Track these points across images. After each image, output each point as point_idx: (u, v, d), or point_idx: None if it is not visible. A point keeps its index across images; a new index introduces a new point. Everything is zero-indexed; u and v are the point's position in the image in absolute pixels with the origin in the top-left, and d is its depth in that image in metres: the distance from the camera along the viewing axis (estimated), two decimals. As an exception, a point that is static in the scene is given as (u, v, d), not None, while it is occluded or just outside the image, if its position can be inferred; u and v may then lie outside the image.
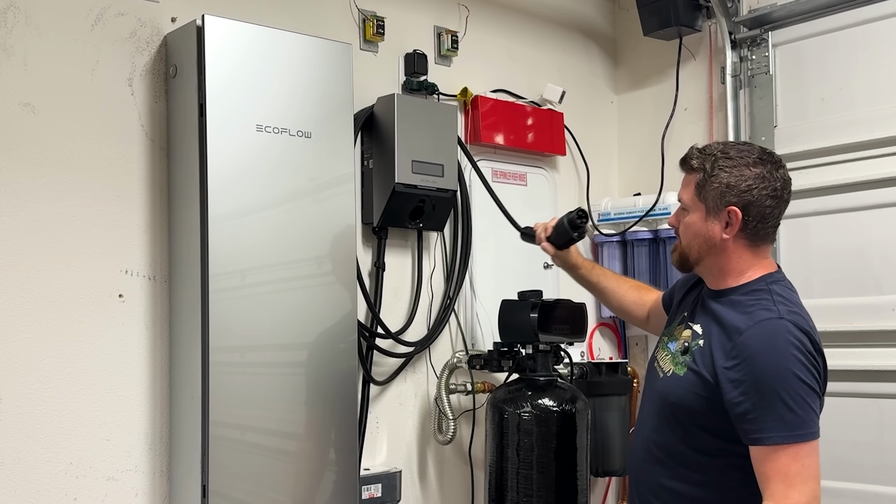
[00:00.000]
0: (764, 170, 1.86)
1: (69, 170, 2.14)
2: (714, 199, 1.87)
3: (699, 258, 1.93)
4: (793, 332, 1.77)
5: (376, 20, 2.71)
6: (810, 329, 1.81)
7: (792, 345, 1.75)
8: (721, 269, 1.91)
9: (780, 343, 1.76)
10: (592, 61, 3.47)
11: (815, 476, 1.74)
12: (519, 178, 3.15)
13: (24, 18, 2.09)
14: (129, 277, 2.23)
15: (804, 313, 1.86)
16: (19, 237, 2.07)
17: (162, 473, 2.27)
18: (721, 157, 1.87)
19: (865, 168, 2.83)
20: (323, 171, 2.36)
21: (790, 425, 1.72)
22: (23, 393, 2.06)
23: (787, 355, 1.75)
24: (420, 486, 2.85)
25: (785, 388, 1.73)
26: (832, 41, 2.93)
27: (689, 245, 1.93)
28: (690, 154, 1.94)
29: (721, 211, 1.86)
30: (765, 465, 1.74)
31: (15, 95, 2.08)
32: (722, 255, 1.90)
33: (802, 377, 1.74)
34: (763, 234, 1.89)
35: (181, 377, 2.24)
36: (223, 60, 2.19)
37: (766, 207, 1.86)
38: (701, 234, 1.90)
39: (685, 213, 1.94)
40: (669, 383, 1.92)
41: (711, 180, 1.87)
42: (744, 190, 1.85)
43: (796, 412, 1.72)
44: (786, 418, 1.72)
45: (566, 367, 2.85)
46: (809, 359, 1.76)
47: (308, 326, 2.32)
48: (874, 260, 2.81)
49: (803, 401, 1.73)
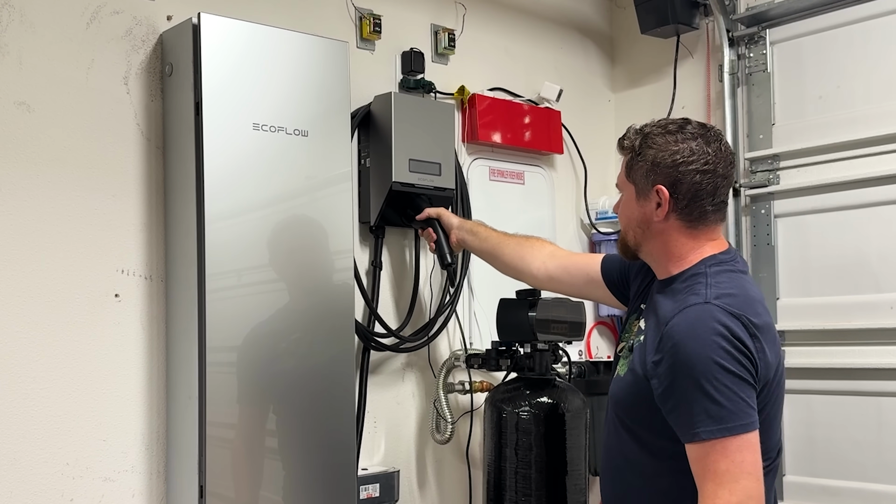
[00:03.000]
0: (694, 143, 1.72)
1: (65, 169, 2.13)
2: (641, 179, 1.75)
3: (637, 244, 1.81)
4: (717, 318, 1.62)
5: (373, 18, 2.70)
6: (744, 312, 1.64)
7: (715, 331, 1.60)
8: (661, 254, 1.78)
9: (701, 330, 1.61)
10: (590, 59, 3.46)
11: (751, 472, 1.58)
12: (516, 177, 3.14)
13: (19, 17, 2.08)
14: (125, 277, 2.22)
15: (743, 294, 1.70)
16: (14, 236, 2.06)
17: (159, 474, 2.26)
18: (650, 133, 1.76)
19: (863, 166, 2.83)
20: (320, 170, 2.35)
21: (716, 418, 1.57)
22: (18, 393, 2.05)
23: (709, 343, 1.60)
24: (418, 486, 2.84)
25: (707, 379, 1.58)
26: (830, 39, 2.93)
27: (626, 230, 1.82)
28: (625, 134, 1.82)
29: (650, 191, 1.74)
30: (695, 463, 1.61)
31: (10, 94, 2.06)
32: (658, 239, 1.77)
33: (727, 366, 1.59)
34: (700, 214, 1.73)
35: (178, 377, 2.23)
36: (219, 59, 2.18)
37: (696, 184, 1.71)
38: (634, 216, 1.79)
39: (620, 197, 1.85)
40: (614, 385, 1.82)
41: (638, 159, 1.76)
42: (670, 166, 1.71)
43: (722, 404, 1.57)
44: (710, 411, 1.58)
45: (564, 366, 2.85)
46: (737, 346, 1.60)
47: (305, 325, 2.31)
48: (872, 258, 2.81)
49: (729, 391, 1.58)
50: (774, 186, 3.02)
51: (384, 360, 2.76)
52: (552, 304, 2.64)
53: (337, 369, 2.37)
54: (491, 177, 3.04)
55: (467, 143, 2.97)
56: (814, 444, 2.89)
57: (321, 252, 2.35)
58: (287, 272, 2.29)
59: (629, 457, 1.78)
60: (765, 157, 3.04)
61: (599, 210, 3.32)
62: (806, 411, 2.94)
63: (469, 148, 2.99)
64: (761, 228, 3.05)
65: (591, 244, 3.37)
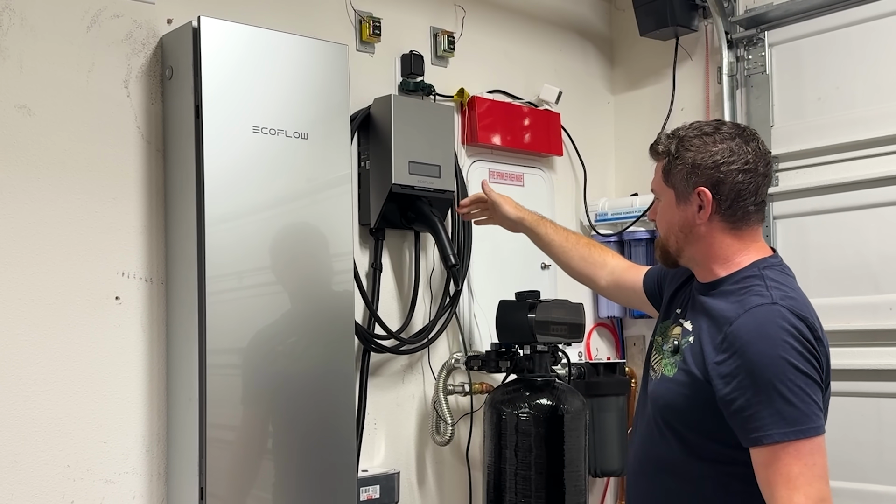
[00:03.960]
0: (733, 143, 1.70)
1: (65, 172, 2.14)
2: (681, 182, 1.72)
3: (679, 249, 1.78)
4: (787, 318, 1.60)
5: (373, 21, 2.71)
6: (808, 315, 1.64)
7: (786, 331, 1.59)
8: (705, 258, 1.75)
9: (772, 330, 1.59)
10: (589, 62, 3.47)
11: (822, 476, 1.57)
12: (516, 179, 3.15)
13: (20, 20, 2.09)
14: (125, 280, 2.23)
15: (802, 298, 1.69)
16: (15, 239, 2.07)
17: (159, 476, 2.26)
18: (687, 137, 1.74)
19: (862, 167, 2.83)
20: (320, 173, 2.36)
21: (789, 420, 1.55)
22: (19, 395, 2.06)
23: (781, 343, 1.58)
24: (418, 488, 2.85)
25: (780, 380, 1.55)
26: (828, 41, 2.93)
27: (667, 236, 1.79)
28: (657, 140, 1.80)
29: (690, 194, 1.71)
30: (765, 468, 1.57)
31: (11, 97, 2.07)
32: (702, 242, 1.74)
33: (800, 366, 1.57)
34: (743, 215, 1.72)
35: (178, 379, 2.24)
36: (219, 62, 2.19)
37: (738, 183, 1.69)
38: (675, 221, 1.76)
39: (658, 203, 1.82)
40: (659, 386, 1.77)
41: (676, 162, 1.73)
42: (711, 167, 1.69)
43: (795, 405, 1.55)
44: (784, 413, 1.55)
45: (564, 368, 2.86)
46: (807, 346, 1.59)
47: (305, 327, 2.32)
48: (871, 259, 2.81)
49: (803, 392, 1.56)
50: (773, 188, 3.02)
51: (384, 361, 2.76)
52: (552, 305, 2.65)
53: (337, 371, 2.37)
54: (490, 179, 3.05)
55: (467, 145, 2.98)
56: (813, 446, 2.89)
57: (321, 254, 2.36)
58: (287, 274, 2.30)
59: (672, 460, 1.74)
60: (764, 158, 3.04)
61: (599, 212, 3.32)
62: (805, 412, 2.94)
63: (468, 150, 3.00)
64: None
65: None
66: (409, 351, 2.77)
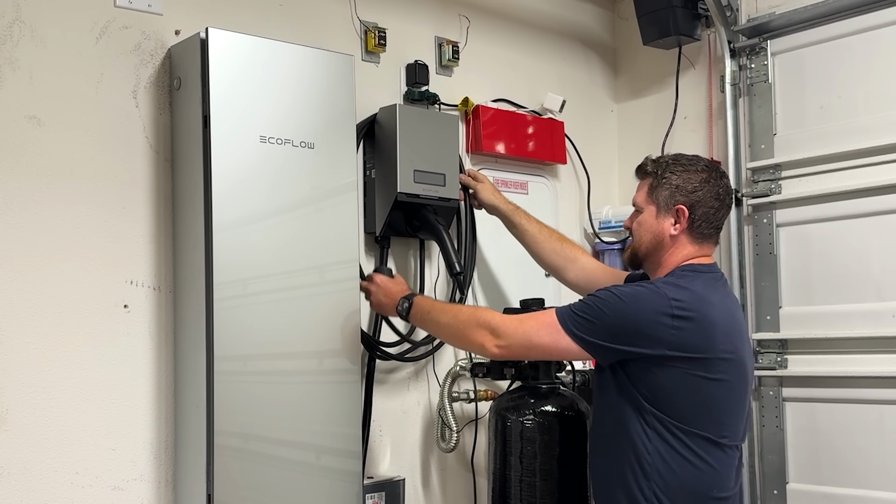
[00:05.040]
0: (709, 175, 2.14)
1: (74, 181, 2.16)
2: (665, 199, 2.14)
3: (647, 253, 2.19)
4: (651, 288, 2.03)
5: (378, 31, 2.73)
6: (681, 297, 2.00)
7: (645, 288, 2.04)
8: (660, 263, 2.16)
9: (633, 287, 2.07)
10: (592, 71, 3.49)
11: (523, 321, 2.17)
12: (520, 187, 3.17)
13: (30, 32, 2.11)
14: (134, 288, 2.24)
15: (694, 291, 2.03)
16: (25, 248, 2.09)
17: (167, 483, 2.28)
18: (672, 163, 2.17)
19: (865, 175, 2.84)
20: (326, 181, 2.38)
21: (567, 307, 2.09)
22: (29, 403, 2.08)
23: (628, 289, 2.05)
24: (423, 495, 2.86)
25: (596, 297, 2.05)
26: (831, 49, 2.95)
27: (641, 241, 2.19)
28: (645, 162, 2.23)
29: (671, 209, 2.14)
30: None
31: (20, 108, 2.10)
32: (666, 250, 2.15)
33: (618, 295, 2.02)
34: (706, 234, 2.15)
35: (186, 387, 2.26)
36: (227, 72, 2.21)
37: (710, 209, 2.13)
38: (652, 230, 2.16)
39: (637, 214, 2.21)
40: None
41: (663, 182, 2.15)
42: (691, 191, 2.13)
43: (582, 302, 2.08)
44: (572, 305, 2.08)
45: (568, 375, 2.86)
46: (652, 305, 1.99)
47: (312, 335, 2.34)
48: (874, 267, 2.82)
49: (594, 305, 2.04)
50: (776, 196, 3.04)
51: (390, 369, 2.77)
52: (556, 313, 2.66)
53: (343, 378, 2.39)
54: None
55: (471, 153, 3.00)
56: (817, 452, 2.90)
57: (328, 262, 2.38)
58: (294, 282, 2.32)
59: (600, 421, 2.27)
60: (766, 166, 3.06)
61: (602, 219, 3.34)
62: (809, 419, 2.95)
63: (473, 158, 3.01)
64: (763, 238, 3.07)
65: (595, 253, 3.39)
66: (415, 358, 2.79)
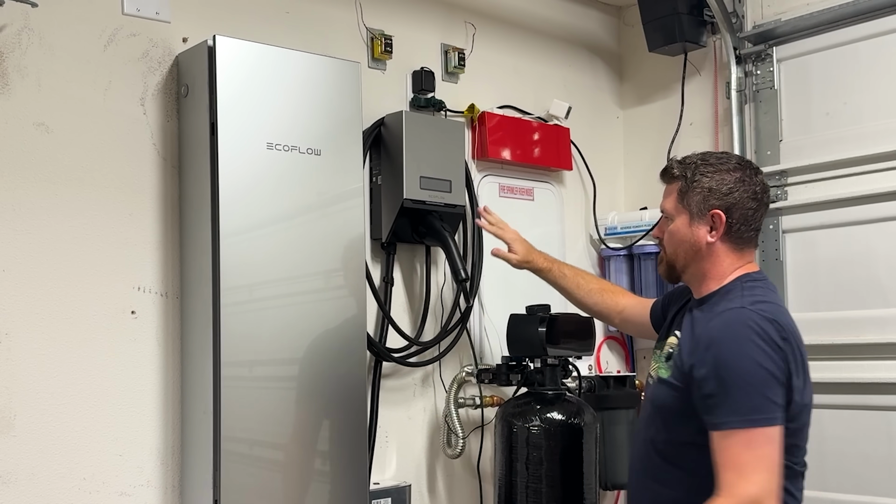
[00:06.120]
0: (743, 174, 1.91)
1: (83, 188, 2.17)
2: (698, 204, 1.90)
3: (685, 265, 1.95)
4: (754, 320, 1.77)
5: (384, 38, 2.74)
6: (777, 318, 1.80)
7: (753, 331, 1.75)
8: (705, 274, 1.93)
9: (740, 330, 1.76)
10: (598, 77, 3.49)
11: (770, 468, 1.70)
12: (526, 193, 3.17)
13: (38, 40, 2.13)
14: (141, 294, 2.25)
15: (775, 305, 1.86)
16: (34, 255, 2.10)
17: (174, 488, 2.29)
18: (701, 164, 1.92)
19: (871, 182, 2.84)
20: (332, 188, 2.38)
21: (742, 411, 1.71)
22: (37, 409, 2.08)
23: (747, 342, 1.75)
24: (429, 501, 2.86)
25: (742, 375, 1.72)
26: (837, 56, 2.95)
27: (675, 252, 1.96)
28: (670, 165, 1.98)
29: (705, 215, 1.90)
30: (718, 453, 1.73)
31: (29, 115, 2.11)
32: (706, 259, 1.92)
33: (763, 364, 1.73)
34: (747, 238, 1.93)
35: (193, 392, 2.26)
36: (234, 80, 2.22)
37: (748, 210, 1.90)
38: (686, 239, 1.93)
39: (669, 223, 1.97)
40: (655, 388, 1.96)
41: (693, 185, 1.90)
42: (725, 193, 1.89)
43: (752, 398, 1.72)
44: (740, 403, 1.71)
45: (574, 381, 2.87)
46: (773, 347, 1.75)
47: (318, 340, 2.34)
48: (880, 273, 2.82)
49: (761, 387, 1.72)
50: (783, 202, 3.04)
51: (396, 375, 2.78)
52: (562, 319, 2.67)
53: (349, 384, 2.39)
54: (501, 193, 3.07)
55: (477, 160, 3.00)
56: (824, 459, 2.89)
57: (334, 268, 2.38)
58: (300, 288, 2.32)
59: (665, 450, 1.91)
60: (773, 172, 3.05)
61: (608, 226, 3.34)
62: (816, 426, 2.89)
63: (479, 165, 3.02)
64: (770, 244, 3.07)
65: (601, 259, 3.39)
66: (421, 364, 2.79)
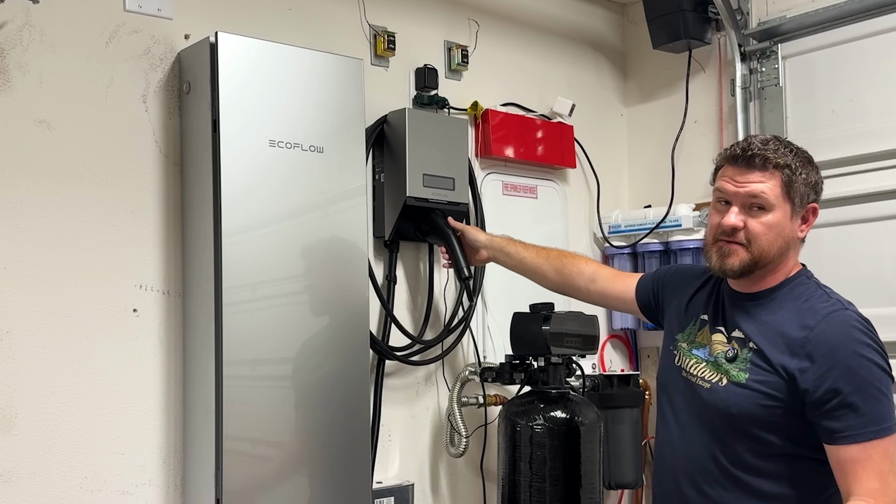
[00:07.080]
0: (817, 166, 1.87)
1: (84, 185, 2.16)
2: (801, 198, 1.81)
3: (774, 259, 1.82)
4: (861, 322, 1.75)
5: (387, 35, 2.73)
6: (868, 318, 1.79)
7: (864, 334, 1.73)
8: (774, 268, 1.84)
9: (854, 334, 1.72)
10: (602, 74, 3.48)
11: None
12: (529, 191, 3.16)
13: (40, 36, 2.12)
14: (143, 292, 2.24)
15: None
16: (35, 252, 2.09)
17: (176, 487, 2.28)
18: (797, 152, 1.82)
19: (877, 179, 2.83)
20: (335, 185, 2.37)
21: (878, 420, 1.67)
22: (38, 407, 2.08)
23: (864, 346, 1.71)
24: (433, 500, 2.85)
25: (871, 382, 1.68)
26: (842, 53, 2.93)
27: (771, 245, 1.80)
28: (764, 149, 1.78)
29: (803, 209, 1.83)
30: (853, 463, 1.67)
31: (30, 112, 2.10)
32: (787, 253, 1.84)
33: (885, 368, 1.71)
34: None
35: (195, 391, 2.26)
36: (236, 77, 2.21)
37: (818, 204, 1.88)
38: (785, 234, 1.80)
39: (761, 213, 1.79)
40: (725, 393, 1.81)
41: (798, 177, 1.79)
42: (818, 187, 1.85)
43: (884, 405, 1.68)
44: (876, 412, 1.67)
45: (578, 380, 2.86)
46: (881, 347, 1.74)
47: (321, 339, 2.33)
48: (886, 271, 2.80)
49: (889, 393, 1.69)
50: (787, 200, 3.02)
51: (399, 373, 2.77)
52: (566, 317, 2.65)
53: (352, 383, 2.38)
54: (504, 191, 3.06)
55: (480, 157, 2.99)
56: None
57: (337, 266, 2.37)
58: (303, 286, 2.31)
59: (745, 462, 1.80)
60: (777, 170, 3.04)
61: (612, 224, 3.32)
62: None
63: (482, 163, 3.01)
64: (775, 242, 3.05)
65: (604, 257, 3.38)
66: (424, 363, 2.78)
